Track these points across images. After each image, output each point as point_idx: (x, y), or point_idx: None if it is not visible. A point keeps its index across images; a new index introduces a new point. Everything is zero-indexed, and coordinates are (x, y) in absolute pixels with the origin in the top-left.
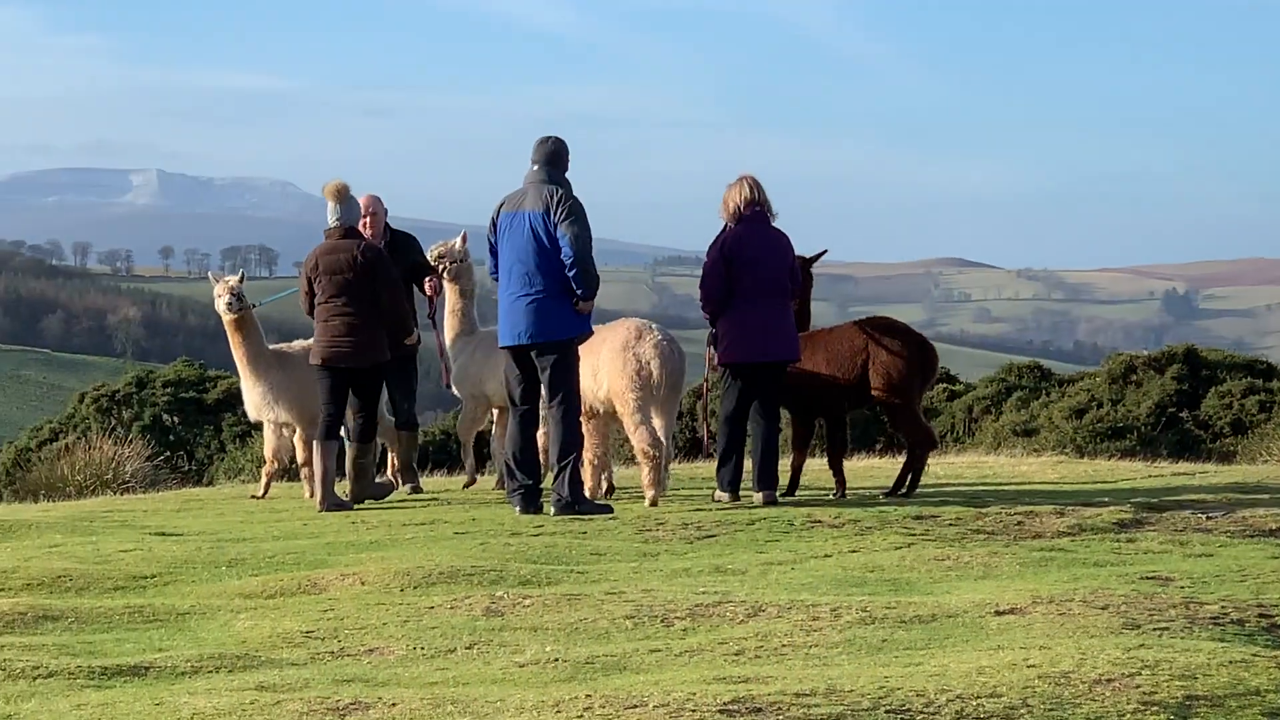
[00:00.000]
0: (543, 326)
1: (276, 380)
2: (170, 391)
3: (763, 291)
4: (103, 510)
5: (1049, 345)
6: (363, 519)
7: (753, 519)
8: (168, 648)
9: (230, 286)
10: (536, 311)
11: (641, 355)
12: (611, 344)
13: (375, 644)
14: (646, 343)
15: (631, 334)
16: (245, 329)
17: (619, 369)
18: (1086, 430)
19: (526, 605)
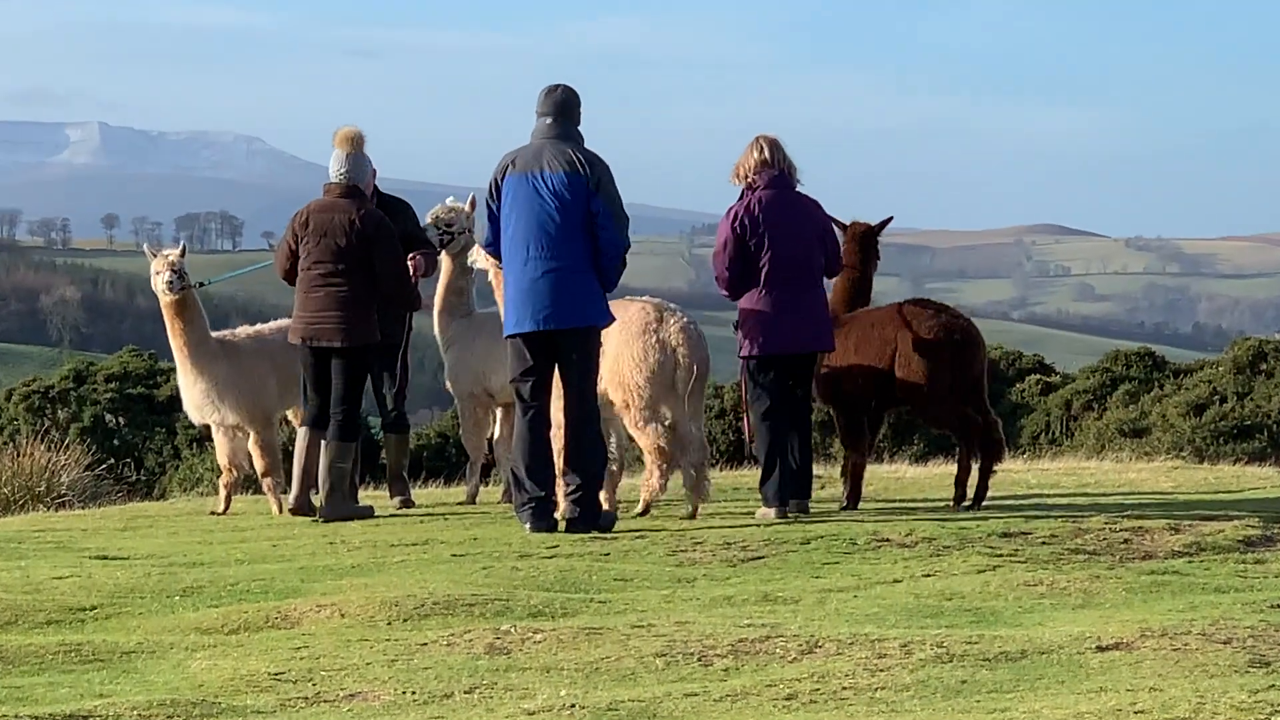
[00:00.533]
0: (570, 309)
1: (221, 375)
2: (114, 387)
3: (785, 270)
4: (33, 529)
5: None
6: (343, 538)
7: (807, 537)
8: (110, 693)
9: (171, 262)
10: (563, 291)
11: (667, 341)
12: (627, 327)
13: (357, 688)
14: (671, 326)
15: (651, 316)
16: (186, 313)
17: (638, 357)
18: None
19: (537, 641)
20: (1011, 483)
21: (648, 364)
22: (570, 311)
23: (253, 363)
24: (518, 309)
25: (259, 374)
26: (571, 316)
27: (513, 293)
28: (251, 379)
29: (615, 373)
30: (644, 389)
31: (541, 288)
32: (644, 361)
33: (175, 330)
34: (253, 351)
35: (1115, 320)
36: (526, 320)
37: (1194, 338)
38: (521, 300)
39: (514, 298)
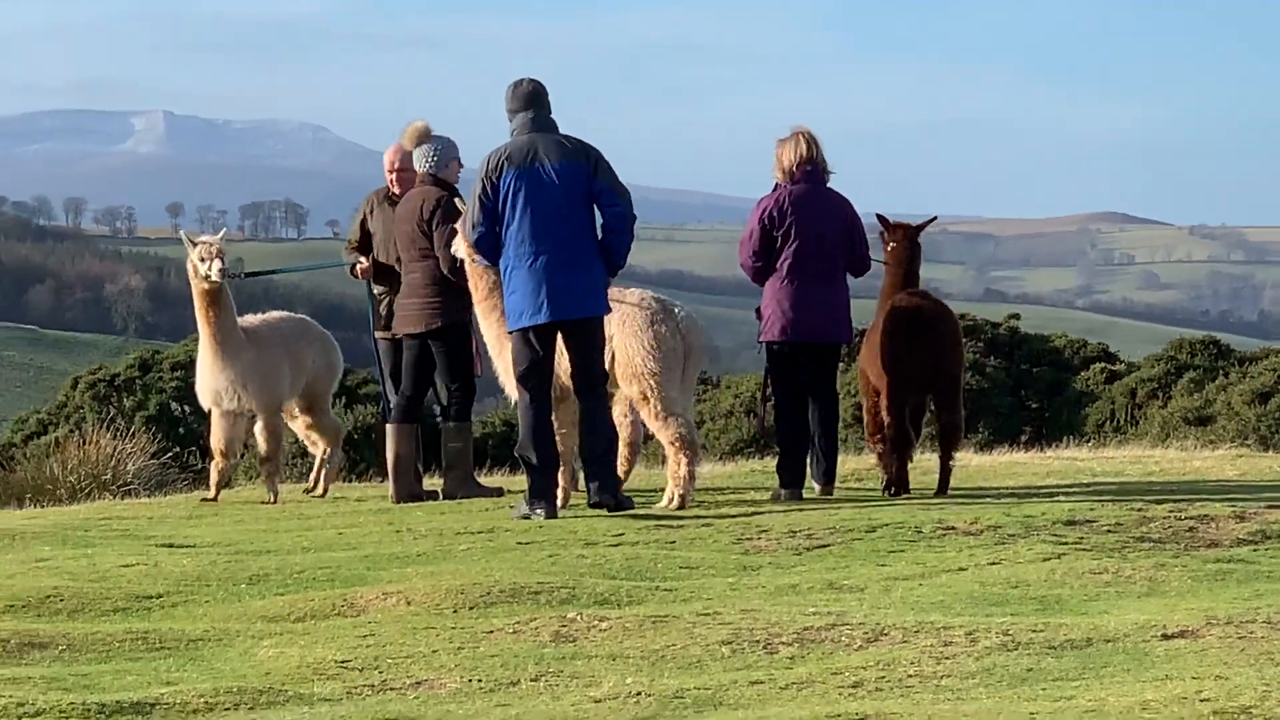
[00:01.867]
0: (579, 300)
1: (247, 363)
2: (180, 375)
3: (808, 263)
4: (100, 517)
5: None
6: (409, 526)
7: (872, 525)
8: (177, 680)
9: (219, 249)
10: (571, 282)
11: (676, 330)
12: (632, 319)
13: (423, 675)
14: (676, 315)
15: (655, 307)
16: (221, 301)
17: (650, 346)
18: (1272, 418)
19: (603, 629)
20: (1076, 471)
21: (661, 352)
22: (578, 302)
23: (271, 351)
24: (526, 302)
25: (276, 362)
26: (580, 307)
27: (520, 285)
28: (271, 366)
29: (628, 366)
30: (659, 376)
31: (551, 280)
32: (657, 350)
33: (208, 318)
34: (270, 340)
35: (1179, 308)
36: (537, 313)
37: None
38: (529, 293)
39: (521, 290)
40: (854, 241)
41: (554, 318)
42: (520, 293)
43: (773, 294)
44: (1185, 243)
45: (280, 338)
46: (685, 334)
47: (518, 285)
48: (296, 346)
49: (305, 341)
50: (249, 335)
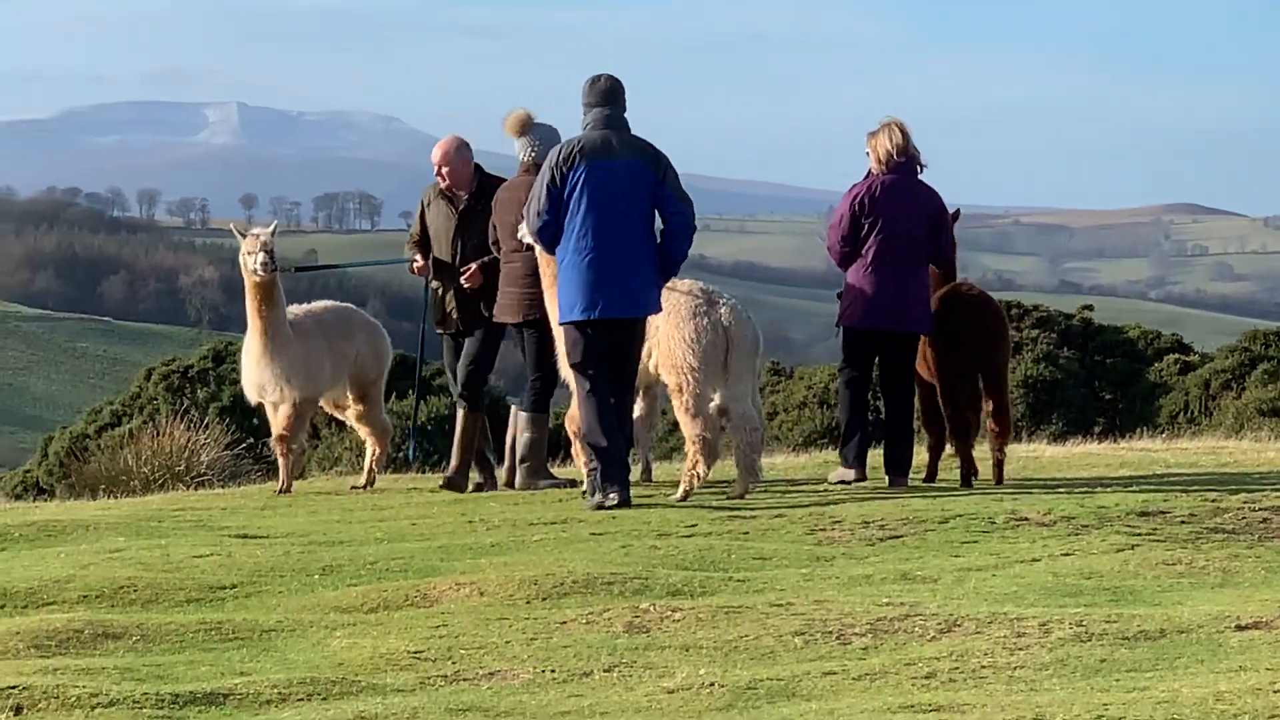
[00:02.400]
0: (632, 299)
1: (295, 356)
2: None
3: (893, 252)
4: (173, 508)
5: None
6: (482, 517)
7: (946, 516)
8: (250, 671)
9: (263, 242)
10: (627, 280)
11: (718, 323)
12: (677, 311)
13: (496, 666)
14: (720, 309)
15: (700, 300)
16: (272, 295)
17: (690, 339)
18: None
19: (676, 619)
20: (1150, 462)
21: (700, 346)
22: (631, 301)
23: (314, 343)
24: (580, 295)
25: (319, 355)
26: (632, 306)
27: (575, 278)
28: (315, 360)
29: (668, 356)
30: (697, 372)
31: (607, 275)
32: (696, 344)
33: (259, 312)
34: (312, 332)
35: (1254, 300)
36: (590, 307)
37: None
38: (585, 286)
39: (576, 283)
40: (940, 237)
41: (605, 315)
42: (574, 286)
43: (856, 280)
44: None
45: (322, 329)
46: (728, 326)
47: (572, 278)
48: (339, 337)
49: (349, 332)
50: (296, 329)
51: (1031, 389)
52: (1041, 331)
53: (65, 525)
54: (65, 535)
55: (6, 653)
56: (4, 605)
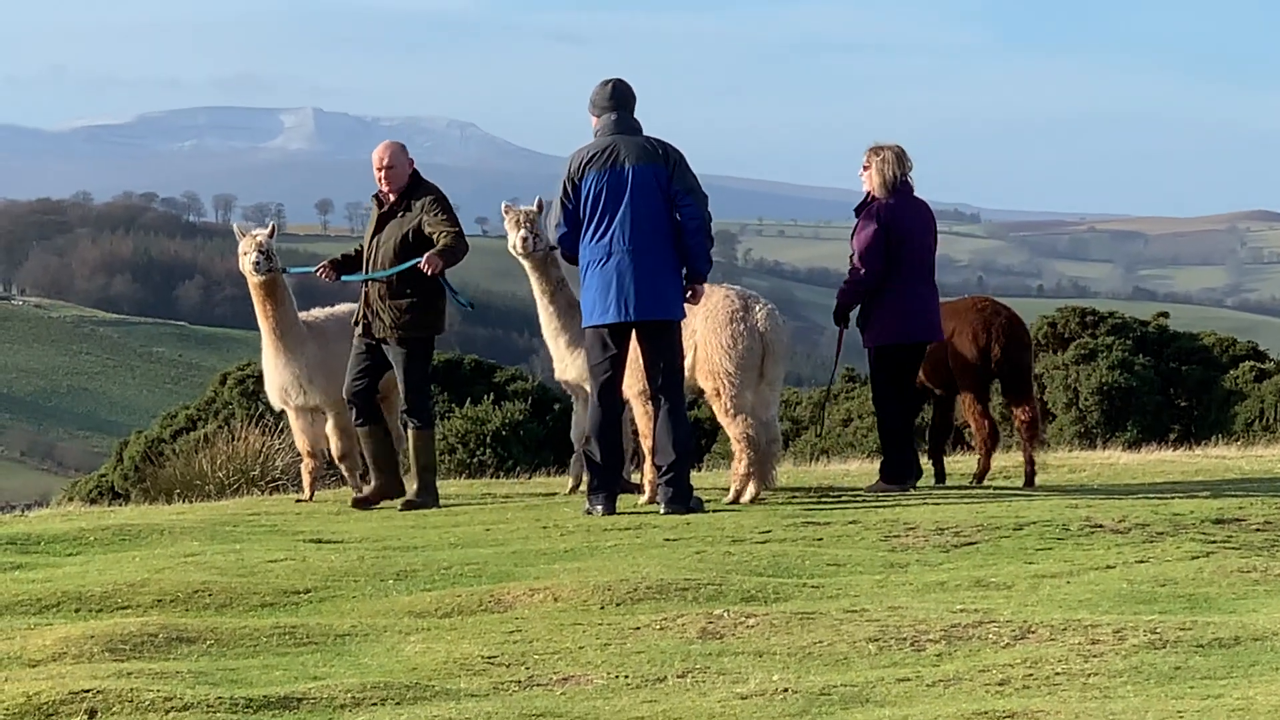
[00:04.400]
0: (654, 302)
1: (311, 357)
2: None
3: (918, 268)
4: (248, 513)
5: None
6: (555, 522)
7: (1020, 523)
8: (324, 675)
9: (259, 242)
10: (647, 283)
11: (755, 328)
12: (714, 315)
13: (570, 671)
14: (758, 313)
15: (737, 304)
16: (275, 295)
17: (727, 344)
18: None
19: (750, 625)
20: (1225, 469)
21: (737, 351)
22: (653, 304)
23: (337, 345)
24: (601, 300)
25: (342, 356)
26: (655, 309)
27: (595, 283)
28: (337, 361)
29: (705, 360)
30: (734, 376)
31: (624, 280)
32: (733, 348)
33: (265, 312)
34: (336, 333)
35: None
36: (610, 311)
37: None
38: (605, 291)
39: (597, 288)
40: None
41: (624, 318)
42: (594, 291)
43: (888, 299)
44: None
45: (345, 331)
46: (764, 332)
47: (592, 284)
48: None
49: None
50: (312, 329)
51: (1106, 396)
52: (1116, 338)
53: (140, 529)
54: (140, 539)
55: (81, 656)
56: (79, 609)
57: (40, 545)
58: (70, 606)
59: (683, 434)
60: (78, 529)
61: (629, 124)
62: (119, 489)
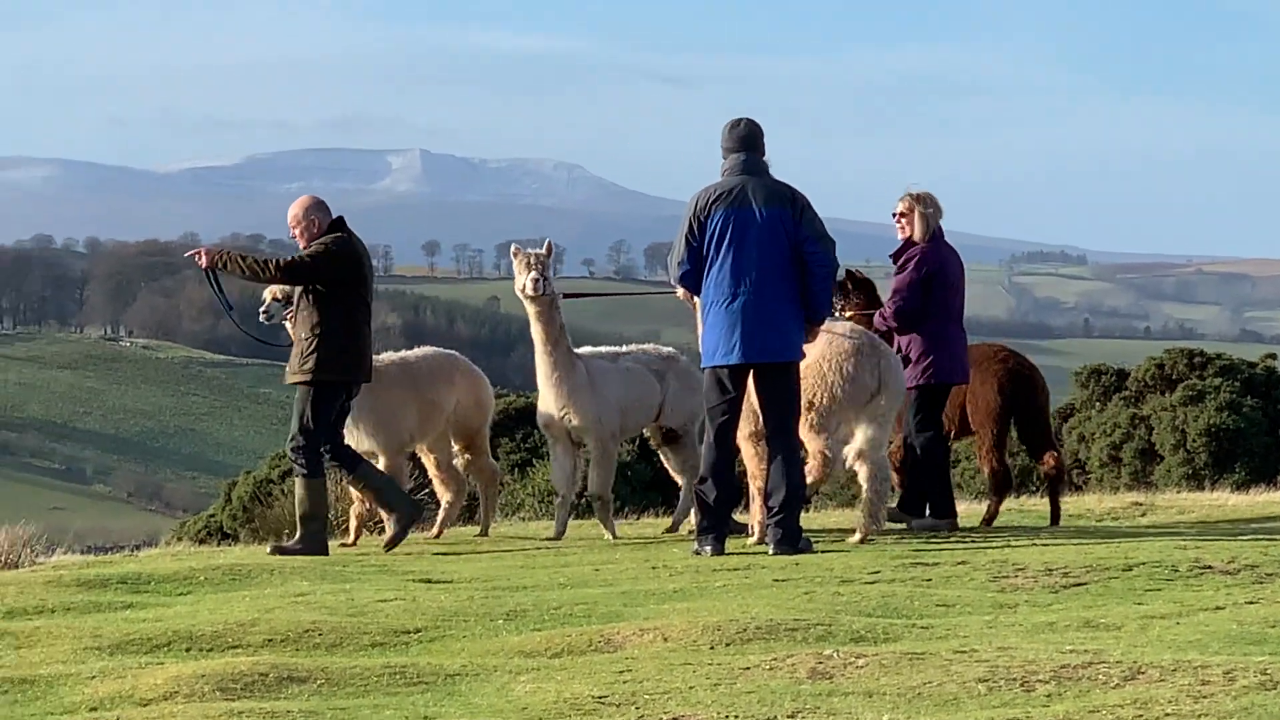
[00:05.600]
0: (774, 344)
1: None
2: None
3: (960, 313)
4: (357, 553)
5: None
6: (665, 563)
7: (1129, 564)
8: (435, 715)
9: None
10: (768, 325)
11: (875, 366)
12: (838, 341)
13: (680, 711)
14: (880, 352)
15: (863, 340)
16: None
17: (845, 373)
18: None
19: (860, 666)
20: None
21: (849, 387)
22: (771, 346)
23: (395, 391)
24: (721, 340)
25: (399, 402)
26: (772, 351)
27: (716, 324)
28: (391, 408)
29: (817, 374)
30: (837, 400)
31: (746, 321)
32: (844, 384)
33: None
34: (395, 379)
35: None
36: (734, 352)
37: None
38: (726, 332)
39: (716, 329)
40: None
41: (745, 359)
42: (715, 331)
43: (938, 341)
44: None
45: (409, 376)
46: (883, 374)
47: (714, 323)
48: (431, 385)
49: (443, 379)
50: (379, 375)
51: (1214, 438)
52: (1224, 380)
53: (250, 569)
54: (250, 579)
55: (192, 695)
56: (189, 648)
57: (151, 585)
58: (181, 646)
59: (796, 476)
60: (188, 569)
61: (756, 165)
62: (227, 529)
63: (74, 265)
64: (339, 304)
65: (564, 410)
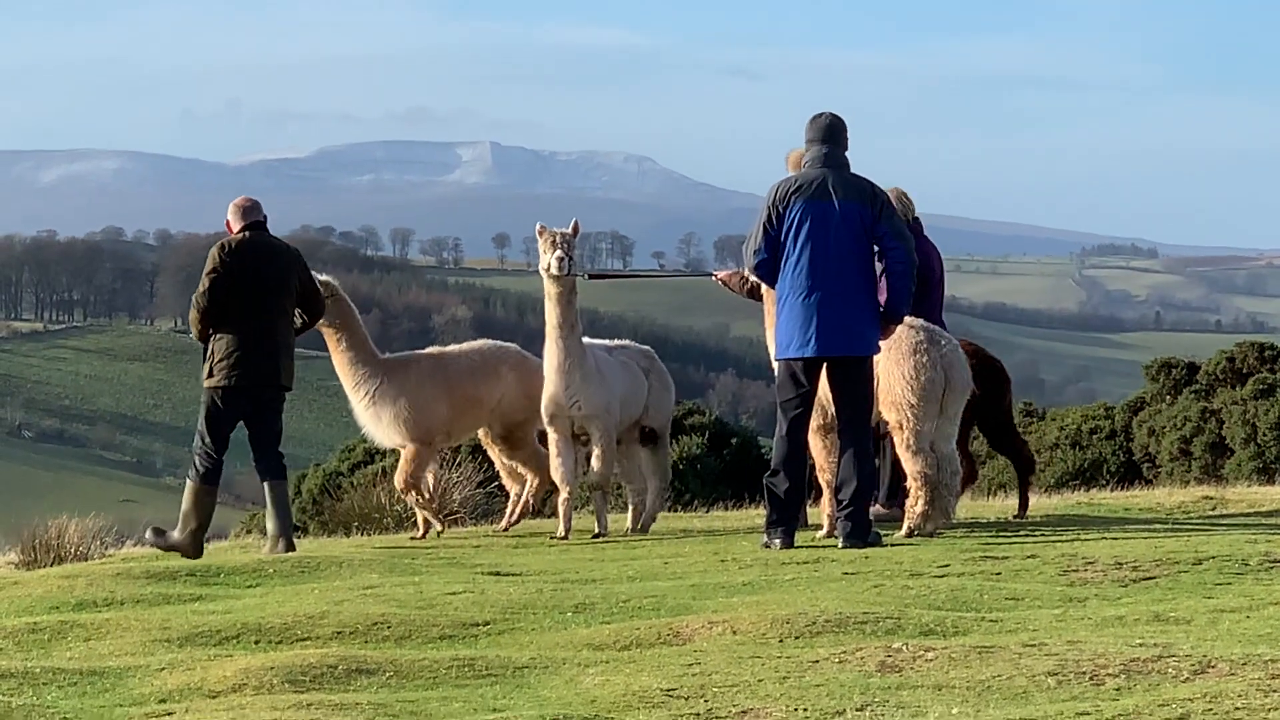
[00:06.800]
0: (848, 337)
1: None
2: None
3: (941, 307)
4: (426, 545)
5: None
6: (734, 556)
7: (1199, 558)
8: (503, 707)
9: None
10: (842, 319)
11: (938, 361)
12: (897, 347)
13: (749, 704)
14: (942, 347)
15: (921, 337)
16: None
17: (909, 376)
18: None
19: (929, 659)
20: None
21: (920, 383)
22: (846, 339)
23: (429, 386)
24: (797, 333)
25: (431, 397)
26: (846, 345)
27: (792, 316)
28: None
29: (888, 393)
30: (917, 408)
31: (822, 315)
32: (916, 380)
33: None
34: (426, 372)
35: None
36: (809, 345)
37: None
38: (800, 325)
39: (792, 321)
40: None
41: (820, 353)
42: (791, 324)
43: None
44: None
45: (442, 370)
46: (947, 368)
47: (789, 316)
48: (469, 380)
49: (485, 374)
50: (413, 367)
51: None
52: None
53: (319, 562)
54: (319, 572)
55: (262, 688)
56: (259, 640)
57: (220, 577)
58: (250, 638)
59: (867, 469)
60: (257, 561)
61: (838, 158)
62: (297, 522)
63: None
64: (232, 313)
65: (574, 399)
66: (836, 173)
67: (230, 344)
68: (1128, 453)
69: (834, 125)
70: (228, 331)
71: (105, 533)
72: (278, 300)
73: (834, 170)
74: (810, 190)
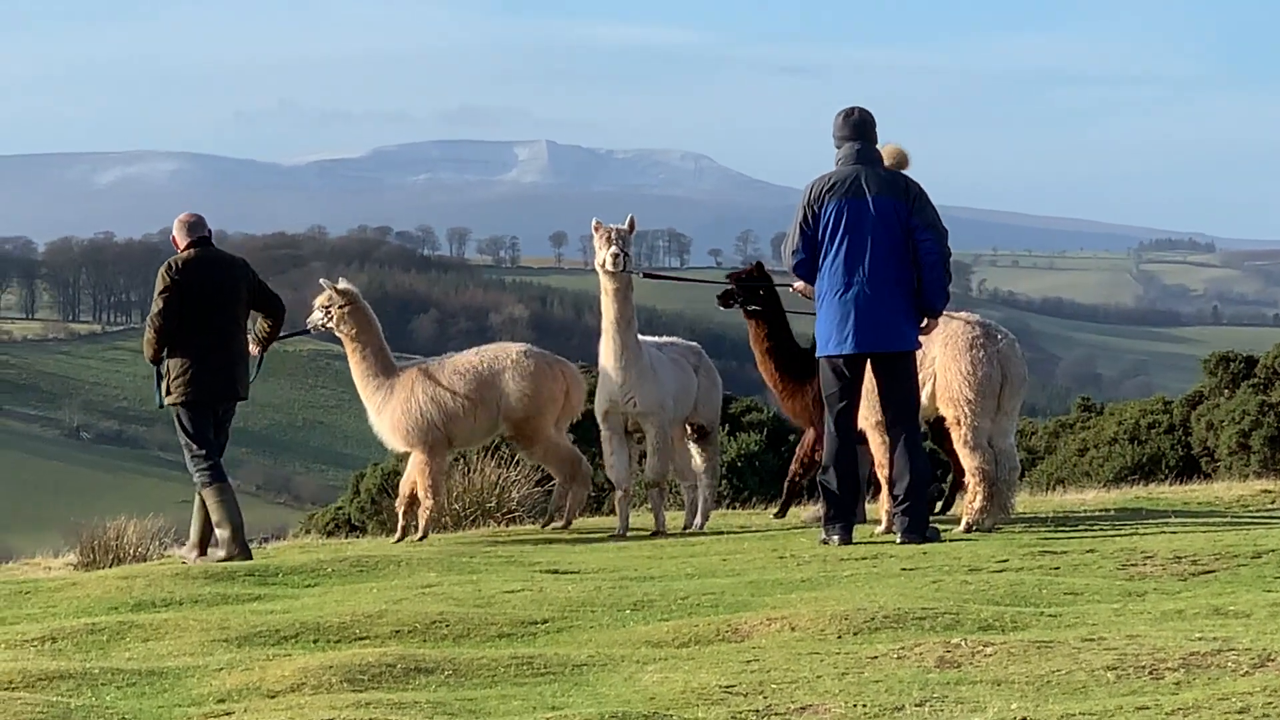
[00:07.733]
0: (888, 333)
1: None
2: None
3: None
4: (485, 544)
5: None
6: (792, 552)
7: (1258, 551)
8: (562, 705)
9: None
10: (882, 314)
11: (994, 356)
12: (953, 342)
13: (808, 700)
14: (998, 342)
15: (976, 331)
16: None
17: (966, 371)
18: None
19: (988, 654)
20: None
21: (977, 378)
22: (887, 335)
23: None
24: (838, 330)
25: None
26: (889, 340)
27: (830, 313)
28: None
29: (945, 388)
30: (974, 404)
31: (860, 311)
32: (973, 375)
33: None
34: (427, 376)
35: None
36: (847, 341)
37: None
38: (840, 321)
39: (830, 318)
40: None
41: (857, 349)
42: (829, 321)
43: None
44: None
45: (445, 375)
46: (1004, 362)
47: (828, 313)
48: (472, 384)
49: (490, 379)
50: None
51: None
52: None
53: (377, 561)
54: (377, 571)
55: (320, 687)
56: (317, 639)
57: (279, 577)
58: (309, 637)
59: (920, 463)
60: (315, 560)
61: (870, 154)
62: (355, 521)
63: None
64: (186, 329)
65: (630, 395)
66: (869, 169)
67: (185, 362)
68: (1186, 447)
69: (864, 121)
70: (182, 348)
71: (163, 533)
72: (230, 312)
73: (866, 166)
74: (844, 188)
